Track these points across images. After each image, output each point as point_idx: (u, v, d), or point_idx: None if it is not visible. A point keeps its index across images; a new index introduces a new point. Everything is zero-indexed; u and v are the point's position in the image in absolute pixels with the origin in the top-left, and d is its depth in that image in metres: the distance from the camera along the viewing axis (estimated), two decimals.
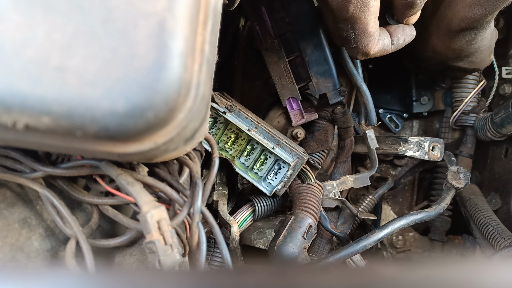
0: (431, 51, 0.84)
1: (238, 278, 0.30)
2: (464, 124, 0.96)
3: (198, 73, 0.37)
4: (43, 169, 0.48)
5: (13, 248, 0.49)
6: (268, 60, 0.83)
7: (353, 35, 0.66)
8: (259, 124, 0.79)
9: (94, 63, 0.33)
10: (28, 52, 0.33)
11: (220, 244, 0.51)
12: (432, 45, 0.83)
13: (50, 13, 0.33)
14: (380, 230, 0.74)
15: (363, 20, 0.63)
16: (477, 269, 0.31)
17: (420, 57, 0.91)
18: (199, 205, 0.48)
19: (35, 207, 0.54)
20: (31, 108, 0.33)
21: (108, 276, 0.31)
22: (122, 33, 0.34)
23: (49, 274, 0.30)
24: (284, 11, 0.79)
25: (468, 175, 0.81)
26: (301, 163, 0.78)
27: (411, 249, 1.02)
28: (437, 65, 0.89)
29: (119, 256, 0.55)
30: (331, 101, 0.85)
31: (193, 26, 0.35)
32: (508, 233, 0.76)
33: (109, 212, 0.51)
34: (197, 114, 0.39)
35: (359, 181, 0.88)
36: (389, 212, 1.07)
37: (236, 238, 0.77)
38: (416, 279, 0.29)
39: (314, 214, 0.76)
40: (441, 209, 0.79)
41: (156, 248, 0.44)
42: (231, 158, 0.82)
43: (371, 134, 0.86)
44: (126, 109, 0.33)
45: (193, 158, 0.53)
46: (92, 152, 0.39)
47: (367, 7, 0.61)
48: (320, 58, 0.83)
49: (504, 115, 0.83)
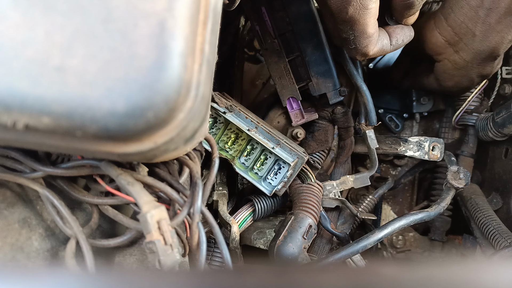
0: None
1: (238, 278, 0.30)
2: (466, 124, 0.96)
3: (198, 73, 0.37)
4: (43, 169, 0.48)
5: (13, 248, 0.49)
6: (268, 60, 0.83)
7: (352, 36, 0.67)
8: (259, 124, 0.79)
9: (94, 63, 0.33)
10: (28, 52, 0.33)
11: (220, 244, 0.51)
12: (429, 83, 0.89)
13: (50, 13, 0.33)
14: (380, 230, 0.74)
15: (362, 21, 0.63)
16: (477, 269, 0.31)
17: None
18: (199, 205, 0.48)
19: (35, 207, 0.53)
20: (31, 108, 0.33)
21: (108, 276, 0.31)
22: (122, 33, 0.34)
23: (49, 274, 0.30)
24: (284, 11, 0.79)
25: (468, 175, 0.81)
26: (301, 163, 0.78)
27: (411, 249, 1.02)
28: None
29: (119, 256, 0.55)
30: (331, 101, 0.85)
31: (193, 26, 0.35)
32: (508, 233, 0.76)
33: (109, 212, 0.51)
34: (197, 114, 0.39)
35: (359, 181, 0.88)
36: (389, 212, 1.07)
37: (236, 238, 0.77)
38: (416, 279, 0.29)
39: (314, 214, 0.76)
40: (441, 209, 0.79)
41: (156, 248, 0.44)
42: (231, 158, 0.82)
43: (371, 134, 0.86)
44: (126, 109, 0.33)
45: (193, 158, 0.53)
46: (92, 152, 0.39)
47: (366, 9, 0.62)
48: (320, 58, 0.83)
49: (505, 115, 0.83)
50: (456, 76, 0.81)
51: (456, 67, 0.79)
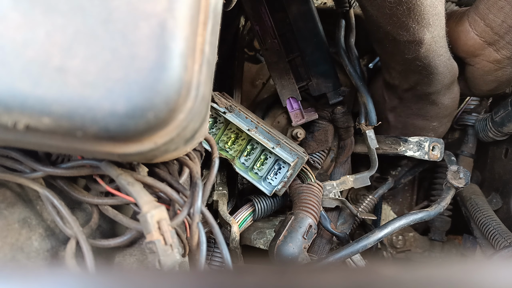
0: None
1: (238, 278, 0.30)
2: (466, 124, 0.96)
3: (198, 74, 0.37)
4: (43, 169, 0.48)
5: (13, 248, 0.49)
6: (268, 60, 0.83)
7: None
8: (259, 124, 0.79)
9: (95, 64, 0.33)
10: (28, 53, 0.33)
11: (220, 244, 0.51)
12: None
13: (51, 13, 0.33)
14: (380, 229, 0.74)
15: None
16: (477, 269, 0.31)
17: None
18: (199, 205, 0.48)
19: (35, 207, 0.54)
20: (32, 109, 0.33)
21: (108, 276, 0.31)
22: (122, 34, 0.34)
23: (49, 274, 0.30)
24: (284, 11, 0.79)
25: (468, 174, 0.81)
26: (301, 163, 0.78)
27: (411, 249, 1.02)
28: None
29: (119, 256, 0.55)
30: (331, 101, 0.85)
31: (193, 27, 0.36)
32: (508, 233, 0.76)
33: (109, 212, 0.51)
34: (197, 115, 0.39)
35: (359, 181, 0.88)
36: (389, 212, 1.07)
37: (236, 238, 0.77)
38: (416, 279, 0.29)
39: (314, 214, 0.76)
40: (441, 208, 0.79)
41: (156, 248, 0.44)
42: (231, 158, 0.82)
43: (371, 134, 0.86)
44: (126, 109, 0.33)
45: (193, 159, 0.53)
46: (92, 153, 0.39)
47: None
48: (320, 58, 0.83)
49: (504, 113, 0.83)
50: (493, 78, 0.81)
51: (498, 67, 0.78)
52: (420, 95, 0.84)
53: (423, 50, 0.72)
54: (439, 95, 0.84)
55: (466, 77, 0.84)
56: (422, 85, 0.81)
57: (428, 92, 0.83)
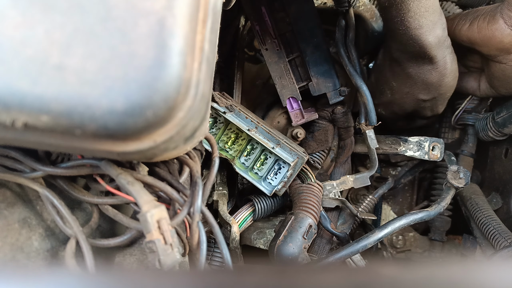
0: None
1: (238, 278, 0.30)
2: (466, 123, 0.96)
3: (198, 72, 0.37)
4: (43, 169, 0.48)
5: (13, 248, 0.49)
6: (268, 60, 0.83)
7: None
8: (259, 124, 0.79)
9: (94, 62, 0.33)
10: (27, 51, 0.33)
11: (220, 244, 0.51)
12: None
13: (50, 12, 0.33)
14: (380, 229, 0.74)
15: None
16: (477, 269, 0.31)
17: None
18: (199, 205, 0.48)
19: (35, 207, 0.53)
20: (30, 107, 0.33)
21: (108, 276, 0.31)
22: (121, 32, 0.33)
23: (49, 274, 0.30)
24: (284, 11, 0.79)
25: (468, 174, 0.80)
26: (301, 163, 0.78)
27: (411, 249, 1.02)
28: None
29: (119, 256, 0.55)
30: (331, 101, 0.85)
31: (193, 25, 0.35)
32: (508, 233, 0.76)
33: (109, 212, 0.51)
34: (197, 113, 0.39)
35: (359, 181, 0.88)
36: (389, 212, 1.07)
37: (236, 238, 0.77)
38: (416, 279, 0.29)
39: (314, 214, 0.76)
40: (441, 208, 0.79)
41: (156, 247, 0.44)
42: (231, 158, 0.82)
43: (371, 134, 0.86)
44: (125, 107, 0.33)
45: (193, 158, 0.53)
46: (91, 151, 0.39)
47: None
48: (320, 58, 0.83)
49: (506, 115, 0.83)
50: None
51: None
52: (412, 51, 0.80)
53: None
54: (432, 48, 0.78)
55: (494, 77, 0.83)
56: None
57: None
